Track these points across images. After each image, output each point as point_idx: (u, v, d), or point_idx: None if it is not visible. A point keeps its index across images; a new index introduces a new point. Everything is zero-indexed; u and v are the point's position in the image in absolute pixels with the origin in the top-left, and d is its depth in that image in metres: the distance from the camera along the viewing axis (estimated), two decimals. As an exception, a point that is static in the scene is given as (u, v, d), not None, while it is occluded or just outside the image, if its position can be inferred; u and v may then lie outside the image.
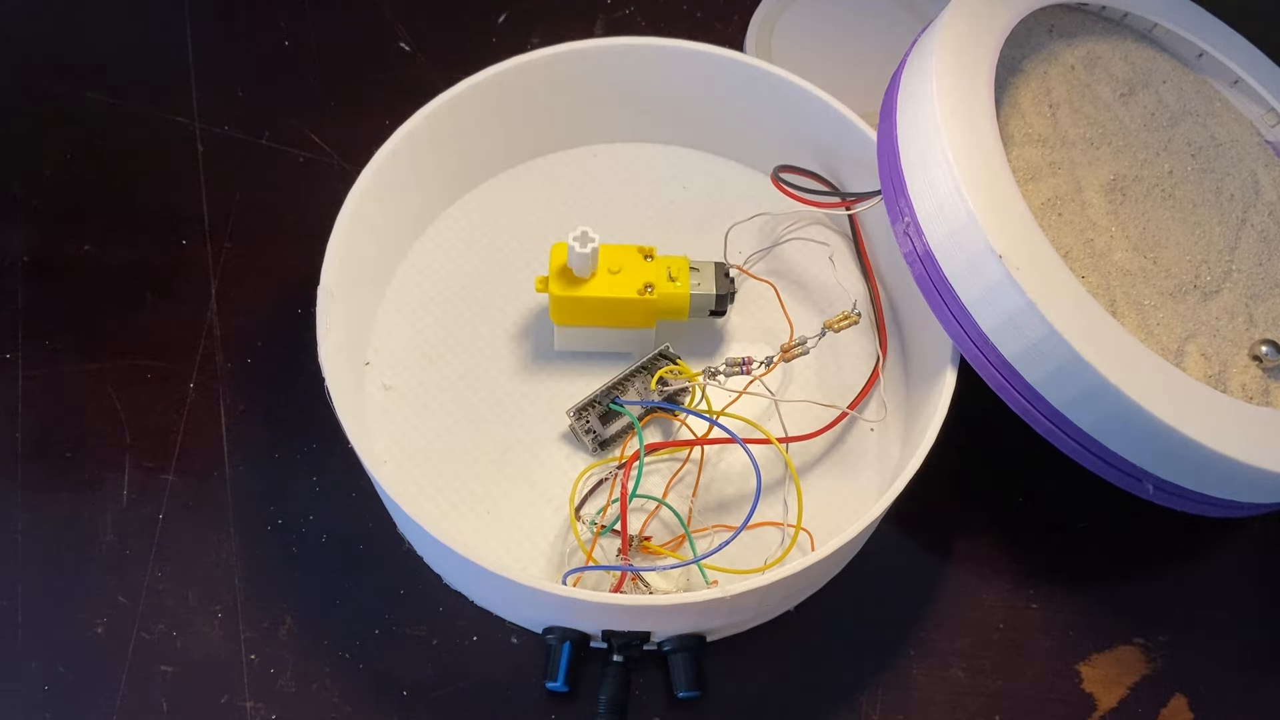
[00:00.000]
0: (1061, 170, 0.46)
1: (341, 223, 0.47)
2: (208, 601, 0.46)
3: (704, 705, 0.45)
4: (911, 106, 0.43)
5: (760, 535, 0.47)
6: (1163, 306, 0.45)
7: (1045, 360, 0.40)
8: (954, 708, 0.45)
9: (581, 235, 0.46)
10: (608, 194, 0.57)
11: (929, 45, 0.44)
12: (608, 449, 0.49)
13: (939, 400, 0.44)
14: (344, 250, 0.47)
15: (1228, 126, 0.51)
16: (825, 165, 0.53)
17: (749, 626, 0.46)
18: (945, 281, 0.42)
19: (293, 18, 0.63)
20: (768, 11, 0.62)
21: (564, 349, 0.51)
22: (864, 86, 0.57)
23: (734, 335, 0.53)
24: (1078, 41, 0.50)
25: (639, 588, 0.44)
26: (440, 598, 0.47)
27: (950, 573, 0.48)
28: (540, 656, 0.45)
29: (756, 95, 0.53)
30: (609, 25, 0.64)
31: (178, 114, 0.59)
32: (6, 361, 0.52)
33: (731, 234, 0.53)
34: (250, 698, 0.44)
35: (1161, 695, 0.46)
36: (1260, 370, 0.44)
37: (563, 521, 0.48)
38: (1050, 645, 0.47)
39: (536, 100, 0.54)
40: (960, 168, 0.40)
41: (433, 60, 0.62)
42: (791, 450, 0.49)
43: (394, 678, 0.45)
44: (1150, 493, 0.42)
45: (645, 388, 0.48)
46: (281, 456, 0.50)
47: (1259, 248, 0.48)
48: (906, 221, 0.43)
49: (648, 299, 0.47)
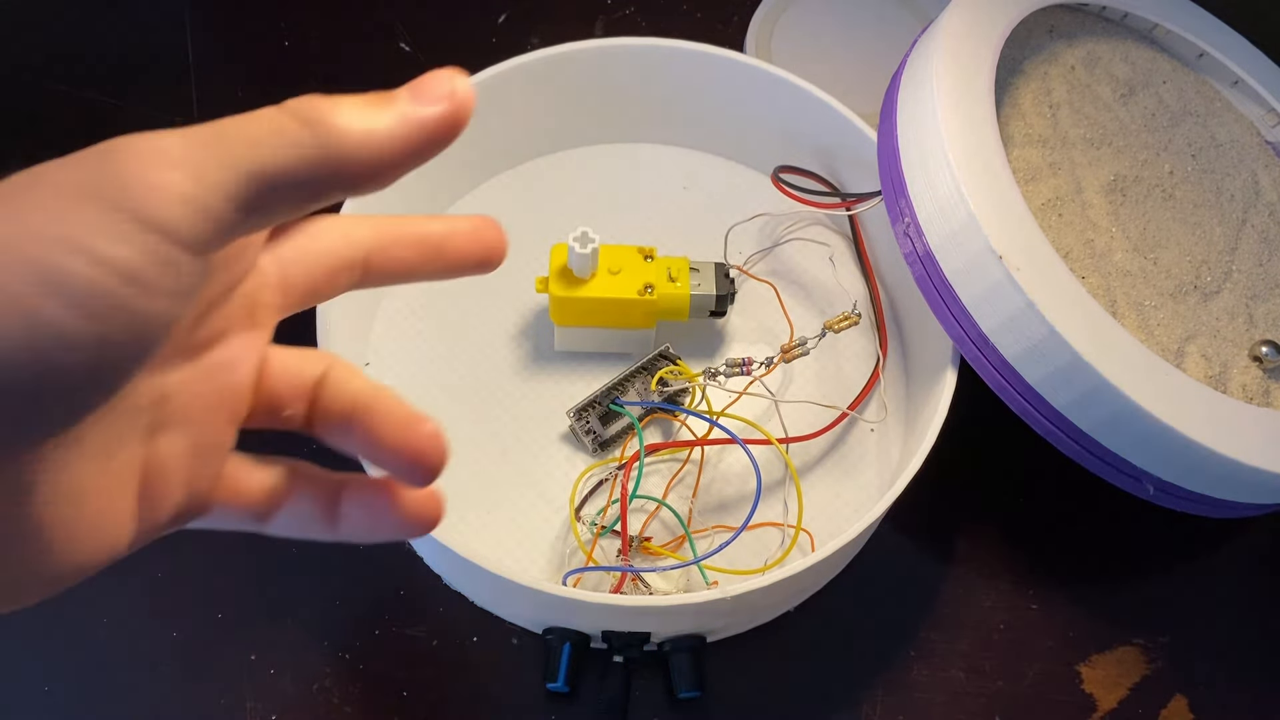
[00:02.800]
0: (1062, 171, 0.46)
1: (341, 223, 0.47)
2: (207, 601, 0.46)
3: (704, 705, 0.45)
4: (912, 107, 0.43)
5: (760, 536, 0.47)
6: (1163, 307, 0.45)
7: (1045, 361, 0.40)
8: (954, 708, 0.45)
9: (581, 236, 0.46)
10: (608, 194, 0.57)
11: (929, 46, 0.44)
12: (608, 449, 0.49)
13: (939, 401, 0.44)
14: (344, 250, 0.47)
15: (1228, 127, 0.51)
16: (825, 166, 0.53)
17: (749, 627, 0.46)
18: (945, 282, 0.42)
19: (293, 18, 0.63)
20: (768, 12, 0.62)
21: (564, 349, 0.51)
22: (864, 87, 0.57)
23: (734, 336, 0.53)
24: (1078, 42, 0.50)
25: (639, 588, 0.44)
26: (440, 598, 0.47)
27: (950, 573, 0.48)
28: (540, 657, 0.45)
29: (757, 96, 0.53)
30: (609, 26, 0.64)
31: (178, 114, 0.59)
32: (6, 362, 0.52)
33: (732, 234, 0.53)
34: (250, 697, 0.44)
35: (1162, 696, 0.46)
36: (1260, 371, 0.44)
37: (563, 522, 0.48)
38: (1050, 646, 0.47)
39: (536, 101, 0.54)
40: (960, 168, 0.40)
41: (433, 60, 0.61)
42: (791, 451, 0.49)
43: (394, 678, 0.45)
44: (1150, 493, 0.42)
45: (645, 388, 0.48)
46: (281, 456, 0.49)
47: (1259, 248, 0.48)
48: (907, 222, 0.43)
49: (648, 299, 0.47)
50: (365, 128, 0.21)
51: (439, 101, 0.22)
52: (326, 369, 0.26)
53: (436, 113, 0.22)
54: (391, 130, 0.21)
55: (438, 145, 0.22)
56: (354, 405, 0.25)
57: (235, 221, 0.20)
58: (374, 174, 0.21)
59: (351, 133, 0.21)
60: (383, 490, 0.26)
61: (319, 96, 0.21)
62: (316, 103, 0.20)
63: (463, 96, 0.22)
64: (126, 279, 0.18)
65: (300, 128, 0.20)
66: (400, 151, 0.22)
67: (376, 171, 0.21)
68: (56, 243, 0.18)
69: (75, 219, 0.18)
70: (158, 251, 0.19)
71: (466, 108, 0.22)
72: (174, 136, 0.19)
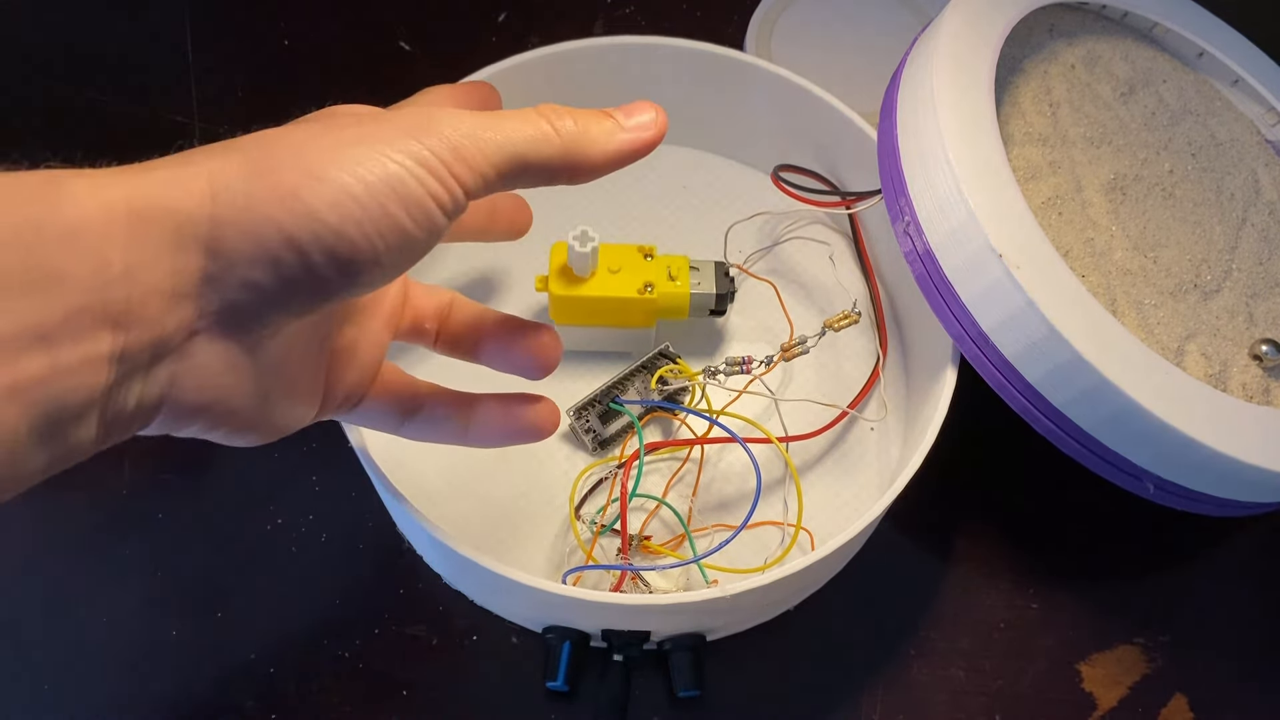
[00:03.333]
0: (1062, 169, 0.46)
1: (341, 222, 0.47)
2: (207, 601, 0.46)
3: (704, 704, 0.45)
4: (912, 105, 0.43)
5: (760, 534, 0.47)
6: (1163, 305, 0.45)
7: (1045, 359, 0.40)
8: (954, 707, 0.45)
9: (581, 234, 0.46)
10: (607, 193, 0.57)
11: (929, 44, 0.44)
12: (607, 448, 0.49)
13: (939, 399, 0.44)
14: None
15: (1228, 126, 0.51)
16: (825, 164, 0.53)
17: (749, 626, 0.46)
18: (945, 280, 0.42)
19: (293, 18, 0.63)
20: (768, 11, 0.62)
21: (564, 348, 0.51)
22: (864, 85, 0.57)
23: (734, 334, 0.53)
24: (1078, 41, 0.50)
25: (639, 587, 0.44)
26: (440, 597, 0.47)
27: (950, 572, 0.48)
28: (540, 656, 0.45)
29: (757, 94, 0.53)
30: (609, 24, 0.64)
31: (177, 114, 0.59)
32: (6, 361, 0.52)
33: (731, 233, 0.53)
34: (250, 697, 0.44)
35: (1162, 695, 0.46)
36: (1260, 369, 0.44)
37: (562, 521, 0.48)
38: (1051, 645, 0.47)
39: (536, 99, 0.53)
40: (960, 167, 0.40)
41: (432, 59, 0.62)
42: (791, 449, 0.49)
43: (394, 677, 0.45)
44: (1150, 492, 0.42)
45: (645, 387, 0.48)
46: (281, 455, 0.50)
47: (1259, 247, 0.48)
48: (906, 220, 0.43)
49: (647, 298, 0.47)
50: (599, 140, 0.29)
51: (647, 128, 0.31)
52: (452, 298, 0.37)
53: (647, 136, 0.31)
54: (619, 144, 0.30)
55: (639, 157, 0.31)
56: (480, 319, 0.36)
57: (493, 186, 0.27)
58: (594, 172, 0.30)
59: (590, 141, 0.29)
60: (513, 400, 0.36)
61: (564, 109, 0.29)
62: (563, 113, 0.29)
63: (663, 123, 0.31)
64: (445, 209, 0.26)
65: (553, 132, 0.28)
66: (616, 160, 0.30)
67: (597, 171, 0.30)
68: (403, 164, 0.25)
69: (417, 147, 0.25)
70: (455, 195, 0.26)
71: (664, 131, 0.31)
72: (469, 117, 0.27)
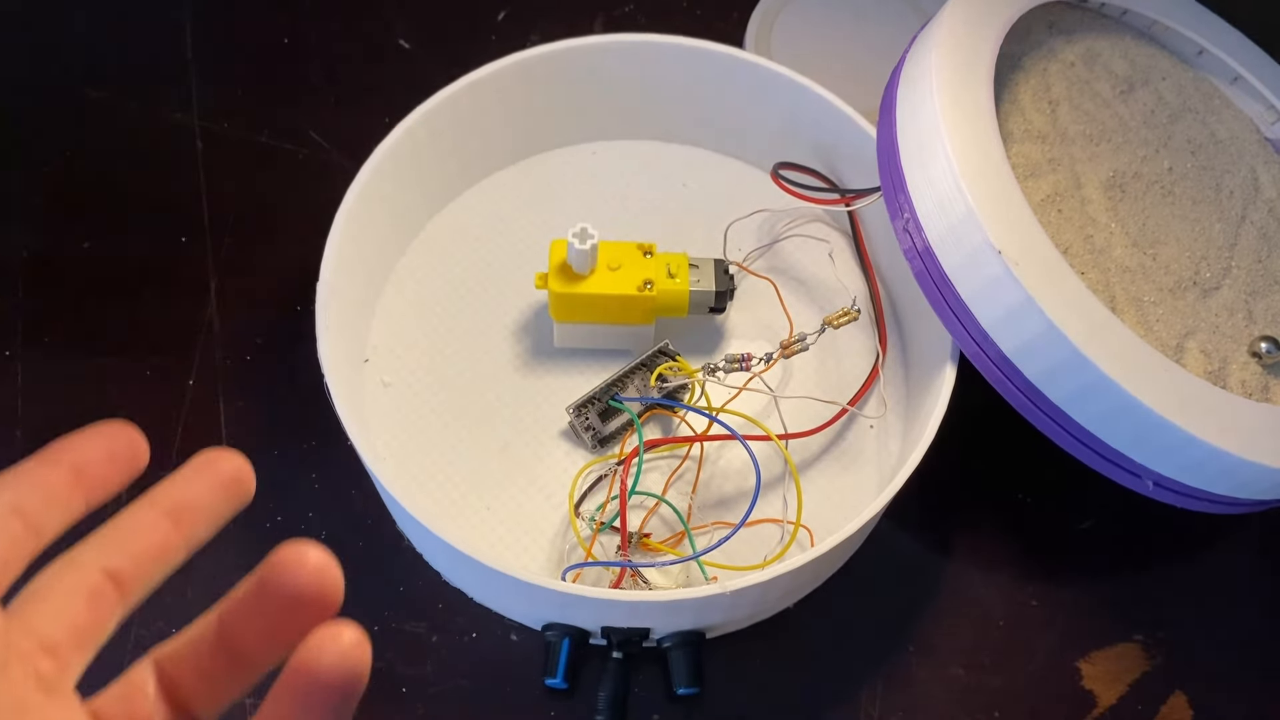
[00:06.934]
0: (1061, 166, 0.46)
1: (340, 219, 0.47)
2: (207, 599, 0.46)
3: (703, 702, 0.45)
4: (911, 103, 0.43)
5: (759, 531, 0.47)
6: (1162, 303, 0.45)
7: (1044, 356, 0.40)
8: (954, 704, 0.45)
9: (581, 232, 0.46)
10: (607, 191, 0.57)
11: (929, 42, 0.44)
12: (607, 446, 0.49)
13: (938, 396, 0.44)
14: (343, 247, 0.47)
15: (1227, 123, 0.51)
16: (825, 162, 0.53)
17: (748, 623, 0.46)
18: (945, 277, 0.42)
19: (292, 16, 0.63)
20: (767, 8, 0.62)
21: (563, 346, 0.51)
22: (863, 83, 0.57)
23: (733, 332, 0.53)
24: (1077, 38, 0.50)
25: (638, 584, 0.44)
26: (440, 594, 0.47)
27: (950, 569, 0.48)
28: (540, 653, 0.45)
29: (756, 92, 0.53)
30: (608, 22, 0.64)
31: (177, 112, 0.59)
32: (6, 359, 0.52)
33: (731, 231, 0.53)
34: (251, 695, 0.44)
35: (1161, 692, 0.46)
36: (1260, 366, 0.44)
37: (562, 518, 0.48)
38: (1050, 642, 0.47)
39: (535, 97, 0.54)
40: (960, 164, 0.40)
41: (432, 57, 0.62)
42: (791, 447, 0.49)
43: (393, 675, 0.45)
44: (1150, 489, 0.42)
45: (645, 384, 0.48)
46: (281, 453, 0.50)
47: (1258, 244, 0.48)
48: (906, 218, 0.43)
49: (647, 295, 0.47)
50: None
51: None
52: (148, 664, 0.24)
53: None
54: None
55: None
56: (202, 632, 0.24)
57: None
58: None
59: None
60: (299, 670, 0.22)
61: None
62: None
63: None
64: None
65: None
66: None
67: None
68: None
69: None
70: None
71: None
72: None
